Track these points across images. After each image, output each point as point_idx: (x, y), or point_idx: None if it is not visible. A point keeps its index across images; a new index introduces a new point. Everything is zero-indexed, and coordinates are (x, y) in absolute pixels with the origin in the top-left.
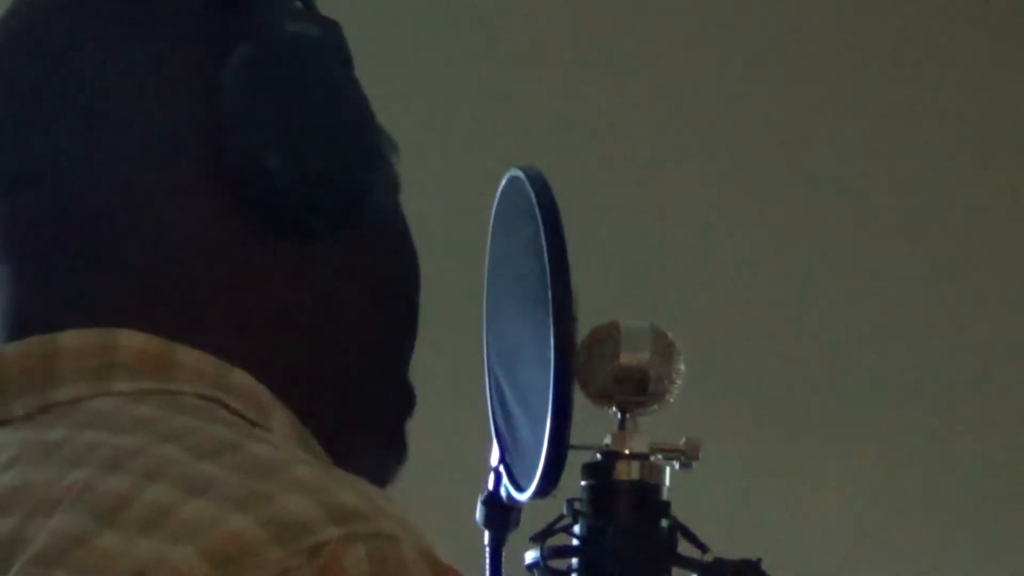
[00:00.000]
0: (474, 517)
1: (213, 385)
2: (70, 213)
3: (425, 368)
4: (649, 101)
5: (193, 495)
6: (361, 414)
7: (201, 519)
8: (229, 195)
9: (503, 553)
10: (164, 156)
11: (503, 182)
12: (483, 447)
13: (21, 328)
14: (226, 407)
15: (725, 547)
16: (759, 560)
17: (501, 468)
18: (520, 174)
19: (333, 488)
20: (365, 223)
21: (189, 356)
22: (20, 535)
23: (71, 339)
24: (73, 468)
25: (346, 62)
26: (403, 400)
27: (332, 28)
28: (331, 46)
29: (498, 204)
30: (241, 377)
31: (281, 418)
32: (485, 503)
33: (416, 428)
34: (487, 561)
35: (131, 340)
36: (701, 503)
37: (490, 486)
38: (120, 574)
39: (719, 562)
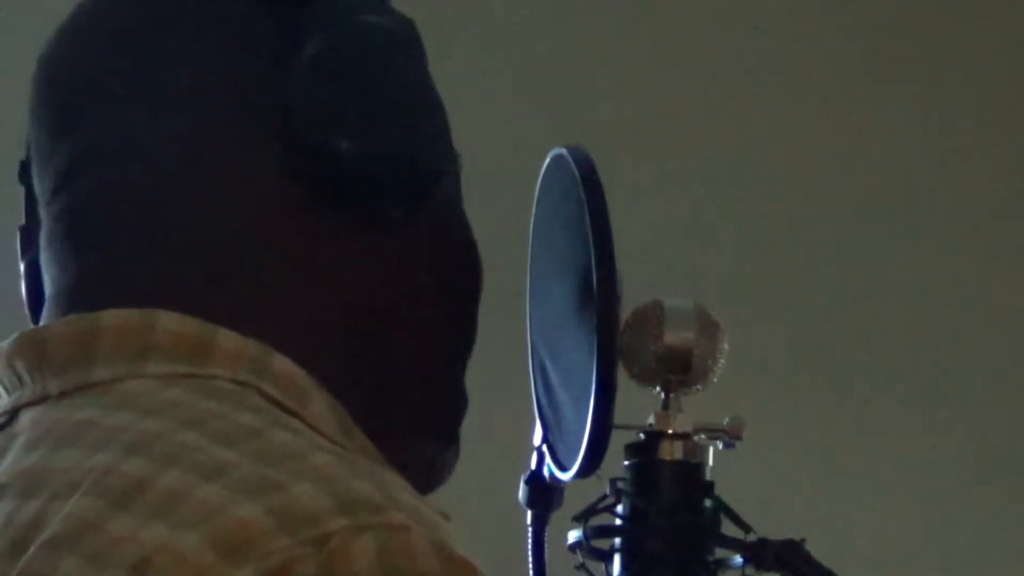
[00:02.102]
0: (517, 497)
1: (250, 370)
2: (129, 195)
3: None
4: (692, 76)
5: (206, 481)
6: (416, 406)
7: (210, 505)
8: (296, 180)
9: (546, 533)
10: (230, 139)
11: (547, 161)
12: (526, 427)
13: (71, 307)
14: (261, 393)
15: (768, 527)
16: (803, 541)
17: (544, 448)
18: (564, 152)
19: (346, 477)
20: (430, 216)
21: (229, 340)
22: (40, 518)
23: (111, 319)
24: (97, 451)
25: (419, 54)
26: (457, 400)
27: (407, 22)
28: (406, 38)
29: (542, 183)
30: (281, 362)
31: (320, 404)
32: (528, 483)
33: None
34: (530, 540)
35: (169, 322)
36: (745, 483)
37: (533, 466)
38: (127, 559)
39: (762, 542)
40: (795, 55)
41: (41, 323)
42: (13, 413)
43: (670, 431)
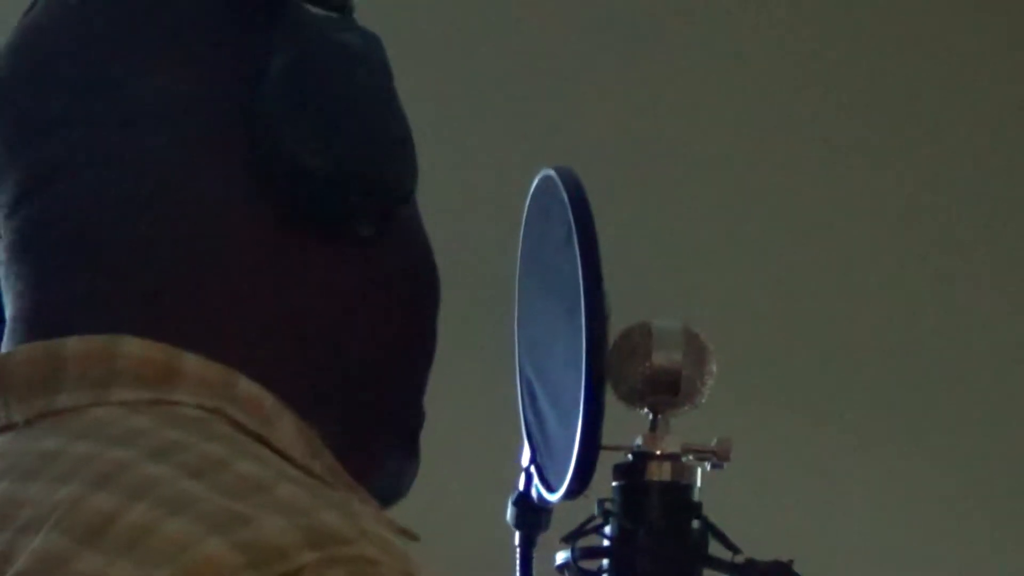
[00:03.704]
0: (505, 518)
1: (216, 395)
2: (89, 214)
3: (457, 368)
4: (681, 99)
5: (173, 515)
6: (385, 419)
7: (177, 541)
8: (264, 198)
9: (534, 554)
10: (197, 155)
11: (536, 181)
12: (514, 448)
13: (33, 333)
14: (227, 418)
15: (756, 548)
16: (791, 562)
17: (532, 469)
18: (553, 173)
19: (315, 509)
20: (395, 233)
21: (194, 364)
22: (7, 552)
23: (75, 345)
24: (64, 483)
25: (387, 73)
26: (416, 414)
27: (373, 39)
28: (372, 56)
29: (530, 203)
30: (247, 386)
31: (287, 427)
32: (516, 504)
33: (448, 429)
34: (518, 562)
35: (134, 348)
36: (733, 504)
37: (521, 487)
38: None
39: (750, 563)
40: (787, 70)
41: (3, 347)
42: None
43: (658, 452)
